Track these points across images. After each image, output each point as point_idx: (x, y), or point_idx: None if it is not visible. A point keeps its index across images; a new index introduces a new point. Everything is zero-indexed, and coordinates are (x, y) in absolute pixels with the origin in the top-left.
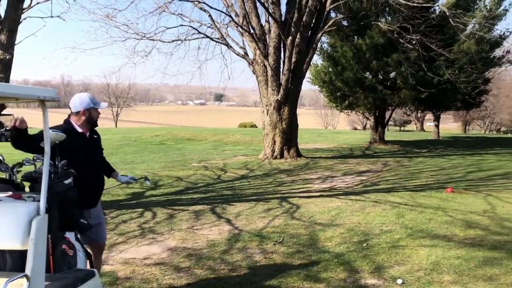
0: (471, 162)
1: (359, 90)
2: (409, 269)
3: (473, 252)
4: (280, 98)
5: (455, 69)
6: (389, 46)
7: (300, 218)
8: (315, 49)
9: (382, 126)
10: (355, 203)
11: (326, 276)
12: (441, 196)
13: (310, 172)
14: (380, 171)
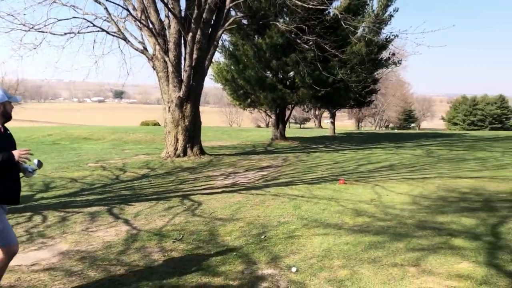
0: (362, 156)
1: (260, 88)
2: (303, 257)
3: (360, 237)
4: (182, 95)
5: (347, 69)
6: (287, 46)
7: (201, 214)
8: (216, 46)
9: (283, 123)
10: (255, 197)
11: (224, 269)
12: (334, 188)
13: (213, 169)
14: (281, 166)
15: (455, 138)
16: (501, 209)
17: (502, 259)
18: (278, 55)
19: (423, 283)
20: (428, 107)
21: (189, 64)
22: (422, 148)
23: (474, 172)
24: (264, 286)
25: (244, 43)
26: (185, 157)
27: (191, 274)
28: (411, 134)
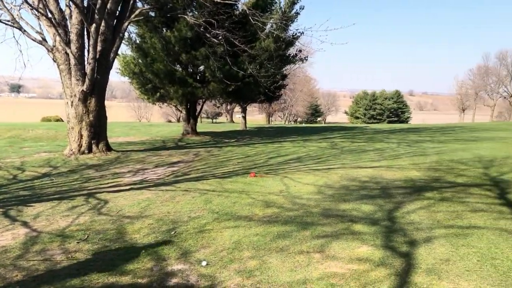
0: (272, 149)
1: (170, 82)
2: (213, 251)
3: (269, 228)
4: (86, 89)
5: (257, 65)
6: (197, 39)
7: (107, 213)
8: (122, 38)
9: (194, 118)
10: (165, 194)
11: (132, 268)
12: (245, 181)
13: (121, 166)
14: (192, 161)
15: (357, 131)
16: (396, 195)
17: (397, 242)
18: (187, 49)
19: (327, 268)
20: (332, 102)
21: (93, 56)
22: (327, 141)
23: (373, 162)
24: (174, 282)
25: (152, 35)
26: (90, 154)
27: (97, 274)
28: (317, 127)
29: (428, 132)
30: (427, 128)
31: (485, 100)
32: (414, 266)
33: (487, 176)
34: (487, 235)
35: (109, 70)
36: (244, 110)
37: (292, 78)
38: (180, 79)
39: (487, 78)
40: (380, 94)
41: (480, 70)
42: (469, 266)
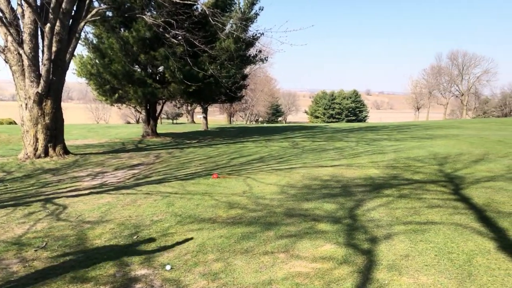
0: (234, 150)
1: (129, 83)
2: (177, 254)
3: (233, 229)
4: (41, 91)
5: (217, 65)
6: (156, 40)
7: (67, 219)
8: (79, 38)
9: (154, 119)
10: (126, 197)
11: (94, 274)
12: (208, 182)
13: (80, 169)
14: (153, 164)
15: (317, 130)
16: (356, 193)
17: (359, 239)
18: (146, 49)
19: (291, 267)
20: (293, 102)
21: (47, 57)
22: (288, 140)
23: (333, 160)
24: (138, 287)
25: (109, 35)
26: (47, 158)
27: (57, 283)
28: (278, 127)
29: (385, 131)
30: (384, 126)
31: (439, 99)
32: (376, 262)
33: (442, 172)
34: (443, 230)
35: (65, 71)
36: (205, 110)
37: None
38: (139, 80)
39: (440, 78)
40: (338, 93)
41: (433, 70)
42: (427, 261)
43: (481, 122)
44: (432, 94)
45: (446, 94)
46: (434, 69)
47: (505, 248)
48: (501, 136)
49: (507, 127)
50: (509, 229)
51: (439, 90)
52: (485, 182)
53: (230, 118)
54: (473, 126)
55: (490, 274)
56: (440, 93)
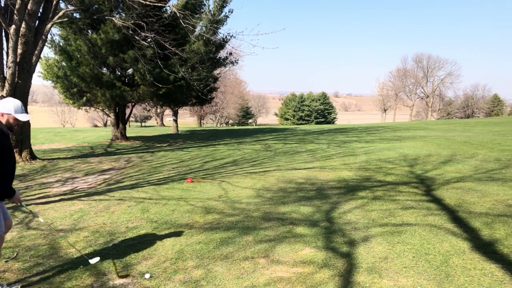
0: (206, 153)
1: (97, 86)
2: (156, 262)
3: (211, 235)
4: (6, 94)
5: (188, 68)
6: (125, 42)
7: (37, 227)
8: (45, 41)
9: (123, 123)
10: (99, 203)
11: (70, 285)
12: (182, 187)
13: (48, 175)
14: (124, 168)
15: (287, 132)
16: (332, 196)
17: (337, 242)
18: (115, 52)
19: (272, 273)
20: (263, 104)
21: (13, 60)
22: (260, 143)
23: (307, 163)
24: None
25: (76, 37)
26: None
27: None
28: (249, 129)
29: (355, 133)
30: (353, 128)
31: (405, 100)
32: (356, 265)
33: (412, 174)
34: (419, 231)
35: (32, 74)
36: (176, 113)
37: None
38: (108, 83)
39: (406, 80)
40: (307, 96)
41: (399, 73)
42: (406, 263)
43: (445, 124)
44: (399, 96)
45: (412, 96)
46: (400, 71)
47: (479, 248)
48: (466, 137)
49: (471, 128)
50: (481, 229)
51: (405, 92)
52: (455, 183)
53: (200, 121)
54: (438, 127)
55: (466, 274)
56: (406, 95)
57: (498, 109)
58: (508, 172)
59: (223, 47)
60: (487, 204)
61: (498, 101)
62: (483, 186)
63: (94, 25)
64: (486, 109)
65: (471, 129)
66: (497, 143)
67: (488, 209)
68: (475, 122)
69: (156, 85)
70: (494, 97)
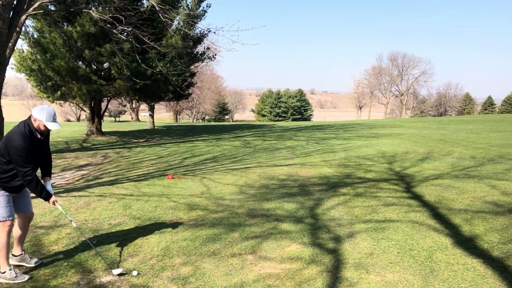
0: (185, 149)
1: (73, 80)
2: (142, 259)
3: (197, 232)
4: None
5: (166, 62)
6: (102, 35)
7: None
8: (20, 33)
9: (99, 117)
10: (79, 200)
11: (56, 283)
12: (163, 183)
13: None
14: (101, 164)
15: (265, 129)
16: (314, 192)
17: (323, 238)
18: (91, 45)
19: (261, 269)
20: (239, 100)
21: None
22: (239, 139)
23: (287, 160)
24: None
25: (51, 30)
26: None
27: None
28: (227, 125)
29: (332, 130)
30: (330, 125)
31: (379, 98)
32: (342, 261)
33: (392, 171)
34: (402, 227)
35: (5, 67)
36: (152, 108)
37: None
38: (84, 77)
39: (381, 78)
40: (284, 92)
41: (374, 71)
42: (391, 258)
43: (420, 121)
44: (374, 94)
45: (386, 94)
46: (375, 69)
47: (461, 244)
48: (441, 135)
49: (444, 126)
50: (461, 225)
51: (380, 90)
52: (433, 180)
53: (176, 116)
54: (413, 125)
55: (450, 269)
56: (381, 93)
57: (470, 107)
58: (483, 169)
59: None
60: (466, 201)
61: (470, 100)
62: (461, 183)
63: (70, 18)
64: (458, 108)
65: (445, 127)
66: (471, 141)
67: (467, 205)
68: (448, 120)
69: (133, 80)
70: (466, 96)
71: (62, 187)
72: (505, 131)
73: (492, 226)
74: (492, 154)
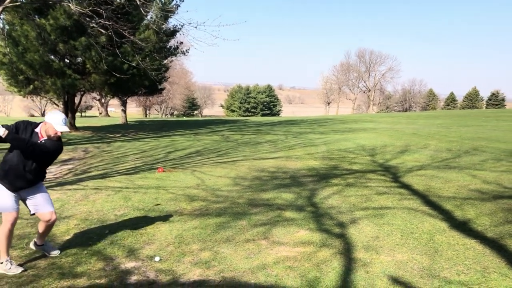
0: (166, 144)
1: (47, 74)
2: (159, 246)
3: (205, 221)
4: None
5: (144, 56)
6: (76, 29)
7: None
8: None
9: (72, 112)
10: (75, 193)
11: (82, 269)
12: (155, 176)
13: None
14: (84, 158)
15: (240, 124)
16: (307, 183)
17: (328, 224)
18: (65, 38)
19: (277, 252)
20: (208, 95)
21: None
22: (217, 134)
23: (271, 153)
24: (134, 279)
25: (23, 22)
26: None
27: (46, 280)
28: (199, 121)
29: (306, 124)
30: (303, 120)
31: (347, 94)
32: (352, 244)
33: (375, 163)
34: (399, 214)
35: None
36: (125, 103)
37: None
38: (58, 71)
39: (349, 74)
40: (254, 88)
41: (342, 67)
42: (396, 241)
43: (389, 116)
44: (342, 90)
45: (354, 89)
46: (344, 66)
47: (457, 227)
48: (413, 129)
49: (414, 121)
50: (453, 211)
51: (348, 86)
52: (417, 171)
53: (145, 111)
54: (383, 120)
55: (452, 249)
56: (349, 88)
57: (433, 103)
58: (461, 161)
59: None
60: (452, 189)
61: (433, 96)
62: (444, 174)
63: (42, 10)
64: (422, 103)
65: (415, 122)
66: (443, 135)
67: (454, 193)
68: (416, 115)
69: (108, 74)
70: (430, 92)
71: (52, 180)
72: (473, 126)
73: (482, 211)
74: (466, 147)
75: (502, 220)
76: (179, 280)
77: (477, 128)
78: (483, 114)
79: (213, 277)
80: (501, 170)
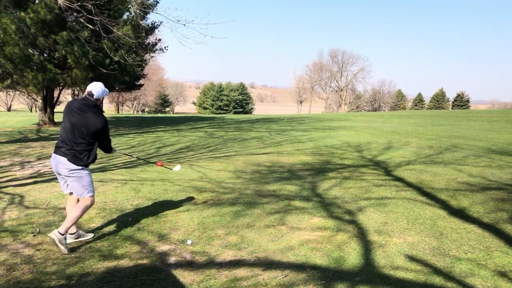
0: (153, 139)
1: (26, 68)
2: (186, 232)
3: (221, 209)
4: None
5: (126, 51)
6: (57, 23)
7: (36, 206)
8: None
9: (51, 107)
10: None
11: (122, 252)
12: (156, 170)
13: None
14: None
15: (218, 121)
16: (305, 176)
17: (338, 212)
18: (45, 32)
19: (299, 236)
20: (180, 92)
21: None
22: (199, 131)
23: (261, 149)
24: (174, 260)
25: (2, 15)
26: None
27: (90, 260)
28: (176, 117)
29: (284, 122)
30: (280, 118)
31: (320, 93)
32: (365, 229)
33: (364, 158)
34: (400, 203)
35: None
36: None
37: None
38: (39, 65)
39: (322, 74)
40: (226, 85)
41: (315, 66)
42: (404, 226)
43: (362, 116)
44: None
45: (326, 89)
46: (316, 65)
47: (455, 214)
48: (391, 127)
49: (388, 120)
50: (448, 200)
51: (321, 85)
52: (406, 166)
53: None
54: (358, 119)
55: (455, 232)
56: (321, 88)
57: (402, 103)
58: (444, 157)
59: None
60: (442, 182)
61: (402, 96)
62: (431, 168)
63: (21, 3)
64: (391, 103)
65: (389, 121)
66: (421, 133)
67: (445, 185)
68: (389, 115)
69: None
70: (398, 93)
71: (51, 174)
72: (446, 125)
73: (474, 201)
74: (445, 144)
75: (494, 208)
76: (215, 260)
77: (451, 127)
78: (453, 114)
79: (247, 257)
80: (482, 165)
